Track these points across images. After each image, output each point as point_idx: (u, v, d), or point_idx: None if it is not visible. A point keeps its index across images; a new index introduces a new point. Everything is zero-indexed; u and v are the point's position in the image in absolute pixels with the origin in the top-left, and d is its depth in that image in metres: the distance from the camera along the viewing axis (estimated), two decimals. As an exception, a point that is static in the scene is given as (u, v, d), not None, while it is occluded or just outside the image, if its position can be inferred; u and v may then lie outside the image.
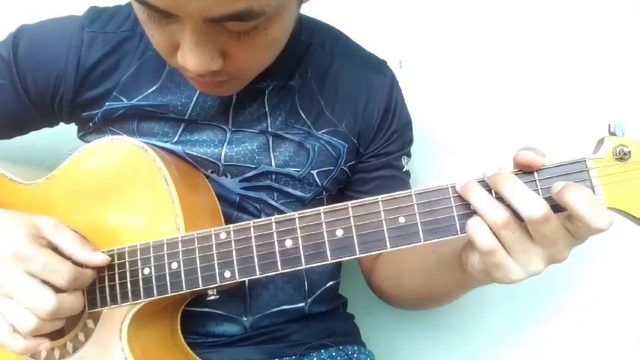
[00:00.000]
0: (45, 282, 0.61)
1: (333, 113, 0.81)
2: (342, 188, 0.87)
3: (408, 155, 0.88)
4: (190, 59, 0.59)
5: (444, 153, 1.08)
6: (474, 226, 0.56)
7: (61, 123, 0.85)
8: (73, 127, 0.86)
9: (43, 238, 0.64)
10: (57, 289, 0.62)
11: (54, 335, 0.72)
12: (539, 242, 0.55)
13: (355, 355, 0.86)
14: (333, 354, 0.84)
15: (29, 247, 0.61)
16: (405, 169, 0.87)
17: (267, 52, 0.66)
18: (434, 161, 1.08)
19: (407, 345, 1.11)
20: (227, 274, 0.64)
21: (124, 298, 0.68)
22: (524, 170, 0.57)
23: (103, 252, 0.68)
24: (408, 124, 0.88)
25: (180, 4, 0.54)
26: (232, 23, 0.56)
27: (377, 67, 0.86)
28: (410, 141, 0.89)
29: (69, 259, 0.64)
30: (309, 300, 0.85)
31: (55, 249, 0.64)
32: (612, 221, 0.53)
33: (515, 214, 0.55)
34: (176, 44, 0.60)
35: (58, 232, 0.65)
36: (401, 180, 0.86)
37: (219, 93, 0.73)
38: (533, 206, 0.53)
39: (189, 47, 0.58)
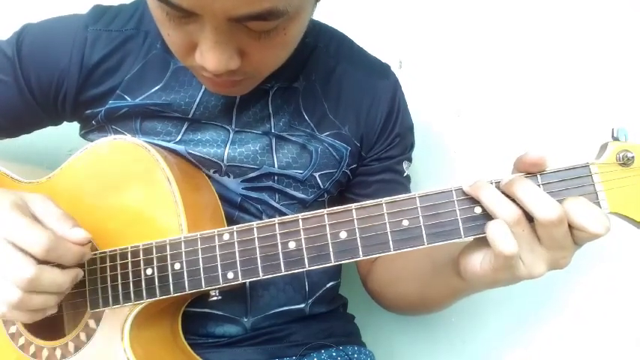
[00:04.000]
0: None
1: (336, 116, 0.82)
2: (342, 190, 0.88)
3: (409, 160, 0.89)
4: (209, 59, 0.59)
5: (443, 153, 1.09)
6: (495, 227, 0.55)
7: (64, 121, 0.85)
8: (73, 127, 0.86)
9: (28, 210, 0.62)
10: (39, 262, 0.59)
11: (55, 335, 0.72)
12: (546, 245, 0.55)
13: (355, 356, 0.87)
14: (334, 354, 0.85)
15: (11, 213, 0.59)
16: (405, 174, 0.87)
17: (283, 52, 0.66)
18: (434, 161, 1.08)
19: (407, 345, 1.11)
20: (230, 275, 0.64)
21: (127, 299, 0.68)
22: (530, 170, 0.57)
23: (105, 252, 0.69)
24: (410, 129, 0.89)
25: (206, 4, 0.53)
26: (254, 23, 0.56)
27: (381, 71, 0.87)
28: (411, 145, 0.89)
29: None
30: (309, 301, 0.85)
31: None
32: (609, 226, 0.54)
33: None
34: (193, 43, 0.60)
35: (43, 205, 0.63)
36: (401, 184, 0.86)
37: (231, 93, 0.73)
38: (548, 208, 0.53)
39: (209, 46, 0.58)
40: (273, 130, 0.79)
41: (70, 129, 0.86)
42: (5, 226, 0.59)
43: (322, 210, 0.61)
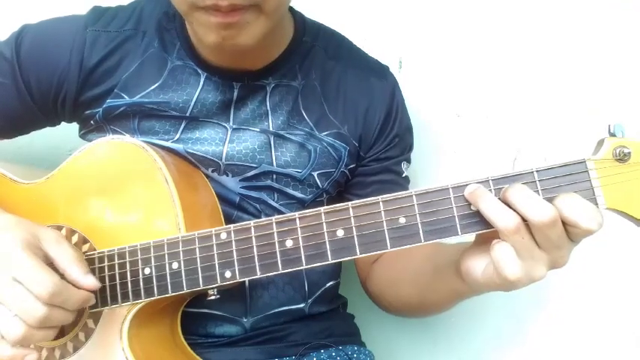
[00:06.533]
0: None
1: (335, 116, 0.82)
2: (341, 191, 0.88)
3: (408, 161, 0.89)
4: None
5: (443, 152, 1.08)
6: (500, 251, 0.55)
7: (62, 122, 0.85)
8: (73, 127, 0.86)
9: (40, 249, 0.63)
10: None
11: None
12: (544, 247, 0.55)
13: (355, 355, 0.86)
14: (333, 354, 0.85)
15: (21, 253, 0.60)
16: (404, 175, 0.87)
17: None
18: (433, 161, 1.08)
19: (407, 345, 1.11)
20: (228, 274, 0.64)
21: (125, 298, 0.68)
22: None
23: (103, 252, 0.69)
24: (408, 130, 0.89)
25: None
26: None
27: (379, 72, 0.87)
28: (410, 146, 0.89)
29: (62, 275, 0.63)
30: (309, 300, 0.85)
31: (51, 264, 0.63)
32: (602, 222, 0.54)
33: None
34: None
35: (57, 246, 0.63)
36: (399, 185, 0.86)
37: (236, 38, 0.67)
38: (541, 211, 0.53)
39: None
40: (271, 128, 0.80)
41: (70, 129, 0.86)
42: (15, 265, 0.60)
43: (319, 208, 0.61)
